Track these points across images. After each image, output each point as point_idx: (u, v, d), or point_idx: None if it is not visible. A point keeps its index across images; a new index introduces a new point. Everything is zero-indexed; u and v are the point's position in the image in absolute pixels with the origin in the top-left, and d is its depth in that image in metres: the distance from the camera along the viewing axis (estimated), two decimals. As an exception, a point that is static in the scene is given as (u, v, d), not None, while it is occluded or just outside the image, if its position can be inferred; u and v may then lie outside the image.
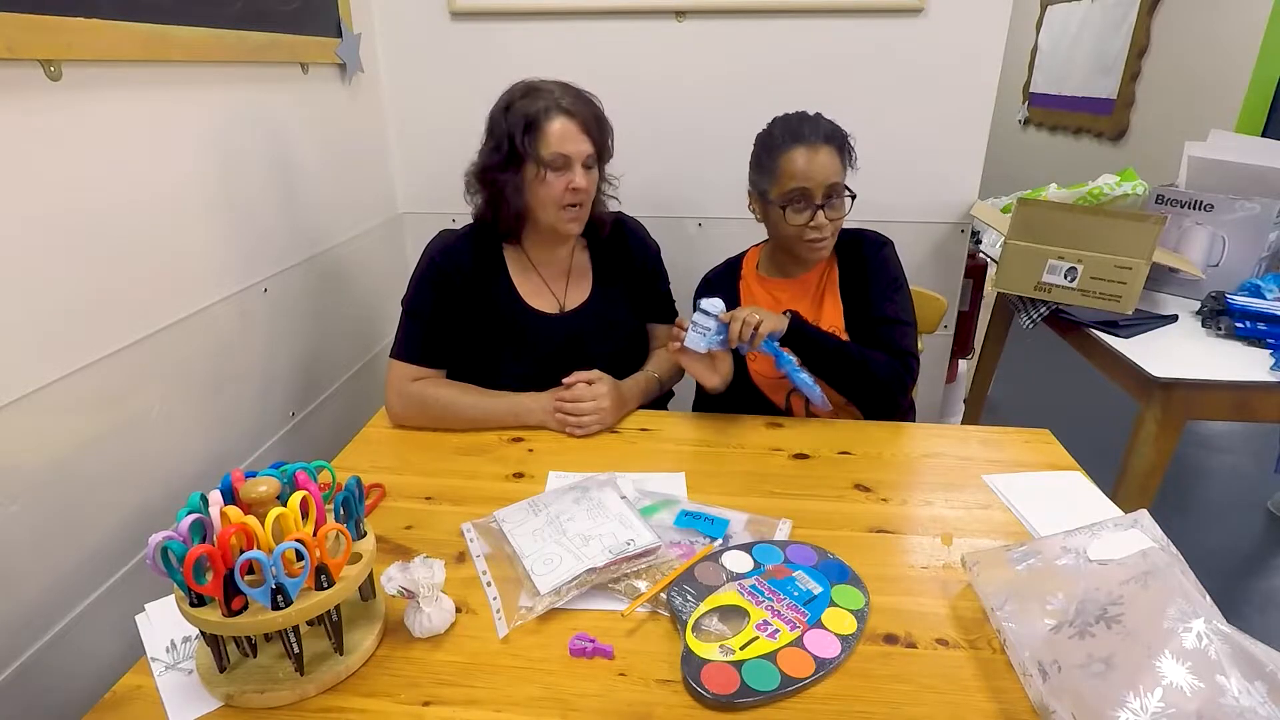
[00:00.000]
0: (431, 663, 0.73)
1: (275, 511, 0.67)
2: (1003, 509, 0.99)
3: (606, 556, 0.82)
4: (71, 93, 0.91)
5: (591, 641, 0.74)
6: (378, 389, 1.32)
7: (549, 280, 1.29)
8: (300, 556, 0.66)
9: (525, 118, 1.13)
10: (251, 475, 0.71)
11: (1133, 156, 3.45)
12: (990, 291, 2.02)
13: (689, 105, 1.73)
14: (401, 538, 0.93)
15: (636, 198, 1.36)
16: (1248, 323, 1.44)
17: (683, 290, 1.41)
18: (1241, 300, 1.49)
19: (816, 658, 0.72)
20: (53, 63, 0.88)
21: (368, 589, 0.77)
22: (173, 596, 0.68)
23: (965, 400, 2.39)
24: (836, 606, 0.78)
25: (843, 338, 1.24)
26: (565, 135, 1.14)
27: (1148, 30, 3.38)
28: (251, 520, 0.66)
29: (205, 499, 0.69)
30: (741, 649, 0.72)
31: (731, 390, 1.22)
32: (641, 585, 0.81)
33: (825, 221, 1.19)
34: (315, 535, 0.67)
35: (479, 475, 1.08)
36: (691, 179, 1.79)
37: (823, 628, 0.75)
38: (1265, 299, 1.50)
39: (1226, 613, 0.65)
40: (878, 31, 1.64)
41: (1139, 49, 3.43)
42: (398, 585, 0.74)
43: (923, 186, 1.75)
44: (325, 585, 0.67)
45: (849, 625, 0.76)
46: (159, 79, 1.06)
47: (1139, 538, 0.75)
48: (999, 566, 0.80)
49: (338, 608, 0.70)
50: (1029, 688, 0.68)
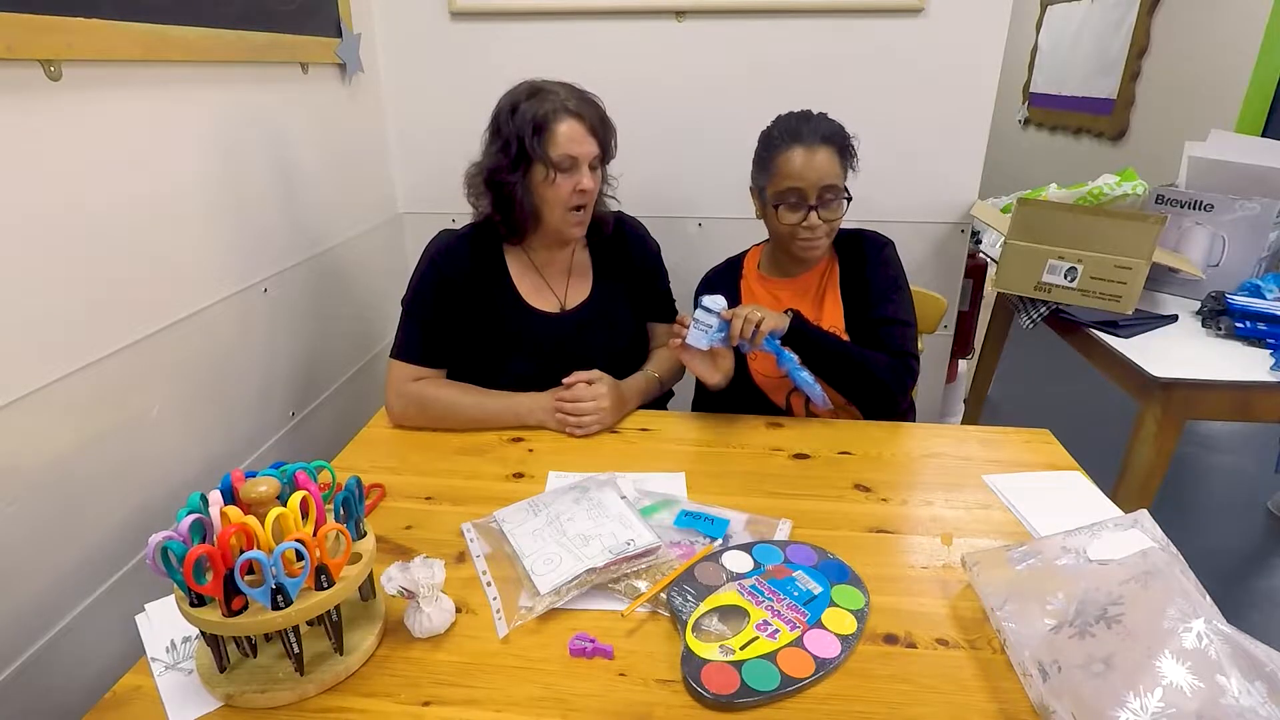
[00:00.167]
0: (431, 663, 0.73)
1: (275, 511, 0.67)
2: (1003, 509, 0.99)
3: (606, 556, 0.82)
4: (71, 93, 0.91)
5: (591, 641, 0.74)
6: (378, 389, 1.33)
7: (550, 279, 1.29)
8: (300, 556, 0.66)
9: (533, 119, 1.13)
10: (251, 475, 0.71)
11: (1133, 156, 3.45)
12: (990, 291, 2.02)
13: (689, 105, 1.73)
14: (401, 538, 0.93)
15: (636, 198, 1.36)
16: (1248, 323, 1.44)
17: (683, 290, 1.41)
18: (1241, 300, 1.49)
19: (816, 658, 0.72)
20: (53, 63, 0.88)
21: (368, 589, 0.77)
22: (173, 596, 0.68)
23: (965, 400, 2.39)
24: (836, 606, 0.78)
25: (843, 338, 1.24)
26: (573, 137, 1.14)
27: (1148, 30, 3.38)
28: (251, 520, 0.66)
29: (205, 499, 0.69)
30: (741, 649, 0.72)
31: (732, 390, 1.22)
32: (641, 585, 0.81)
33: (818, 222, 1.19)
34: (315, 535, 0.67)
35: (479, 475, 1.08)
36: (691, 179, 1.80)
37: (823, 628, 0.75)
38: (1265, 299, 1.50)
39: (1226, 613, 0.65)
40: (878, 31, 1.64)
41: (1139, 49, 3.43)
42: (398, 585, 0.74)
43: (923, 186, 1.75)
44: (325, 585, 0.67)
45: (849, 625, 0.76)
46: (159, 79, 1.06)
47: (1139, 538, 0.75)
48: (999, 566, 0.80)
49: (338, 608, 0.70)
50: (1029, 688, 0.68)
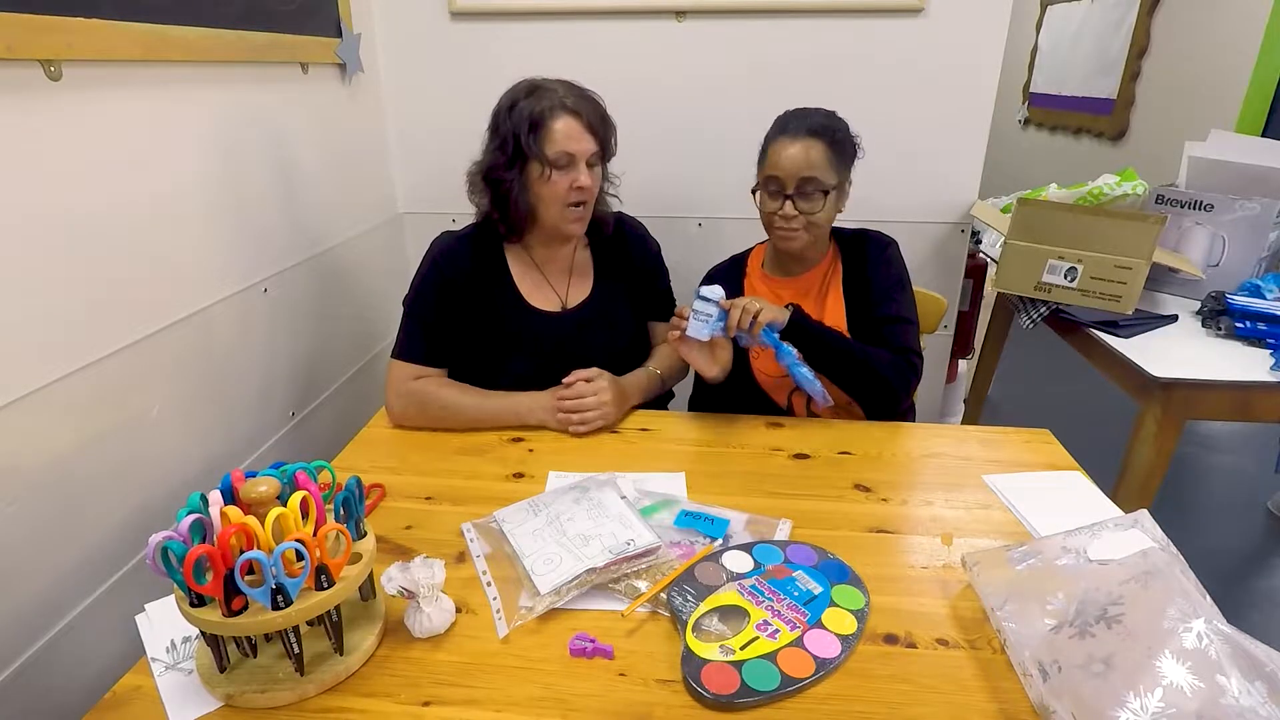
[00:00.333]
0: (431, 663, 0.73)
1: (275, 511, 0.67)
2: (1003, 509, 0.99)
3: (606, 556, 0.82)
4: (71, 93, 0.91)
5: (591, 641, 0.74)
6: (378, 389, 1.33)
7: (551, 278, 1.29)
8: (300, 556, 0.66)
9: (530, 117, 1.13)
10: (251, 475, 0.71)
11: (1133, 156, 3.45)
12: (990, 291, 2.02)
13: (689, 105, 1.73)
14: (401, 538, 0.93)
15: (636, 197, 1.36)
16: (1248, 323, 1.44)
17: (683, 289, 1.40)
18: (1241, 300, 1.49)
19: (816, 658, 0.72)
20: (53, 63, 0.88)
21: (368, 589, 0.77)
22: (173, 596, 0.68)
23: (965, 400, 2.39)
24: (836, 606, 0.78)
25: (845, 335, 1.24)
26: (570, 134, 1.14)
27: (1148, 30, 3.38)
28: (251, 520, 0.66)
29: (205, 499, 0.69)
30: (741, 649, 0.72)
31: (734, 388, 1.22)
32: (641, 585, 0.81)
33: (793, 212, 1.19)
34: (315, 535, 0.67)
35: (479, 475, 1.07)
36: (691, 179, 1.80)
37: (823, 628, 0.75)
38: (1265, 299, 1.50)
39: (1226, 613, 0.65)
40: (878, 31, 1.64)
41: (1139, 49, 3.43)
42: (398, 585, 0.74)
43: (923, 186, 1.75)
44: (325, 585, 0.67)
45: (849, 625, 0.76)
46: (159, 79, 1.06)
47: (1139, 538, 0.75)
48: (999, 566, 0.80)
49: (338, 608, 0.70)
50: (1029, 688, 0.68)
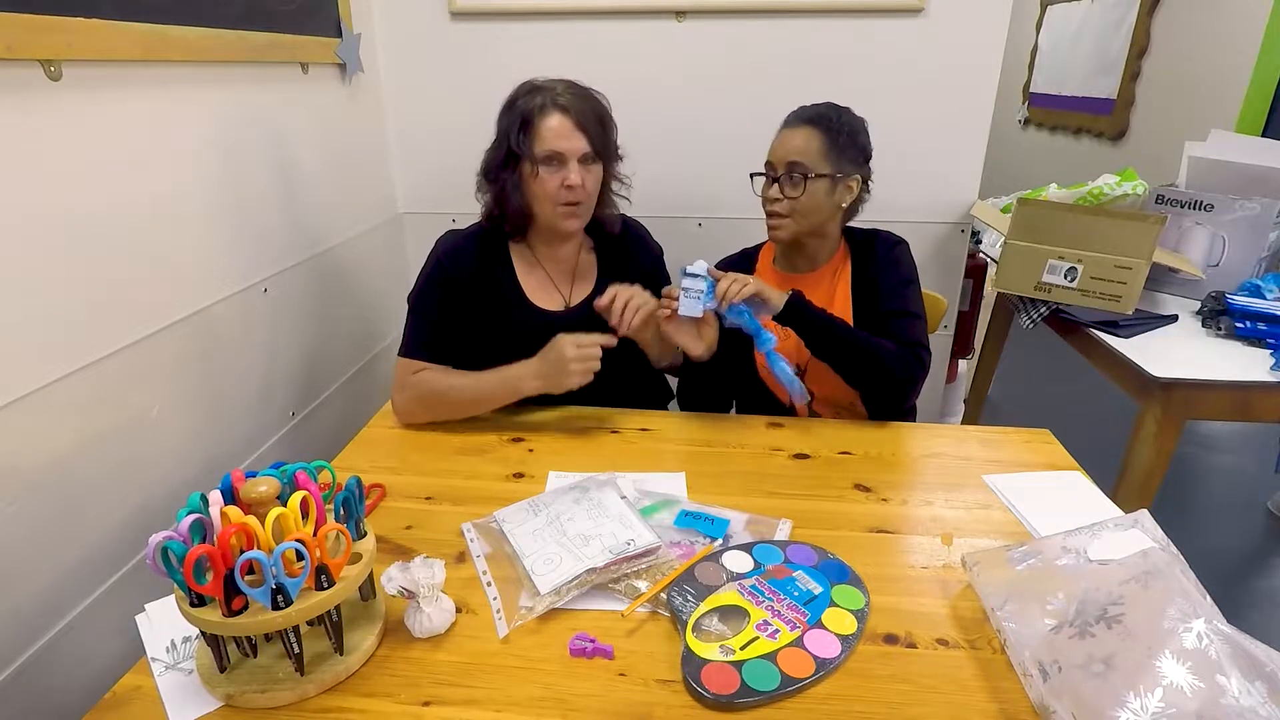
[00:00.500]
0: (431, 663, 0.73)
1: (275, 511, 0.67)
2: (1003, 509, 0.99)
3: (606, 556, 0.82)
4: (71, 93, 0.91)
5: (591, 641, 0.74)
6: (378, 389, 1.33)
7: (555, 277, 1.29)
8: (300, 556, 0.66)
9: (521, 114, 1.14)
10: (251, 475, 0.71)
11: (1133, 156, 3.45)
12: (990, 291, 2.02)
13: (689, 105, 1.73)
14: (401, 538, 0.93)
15: (637, 197, 1.36)
16: (1248, 323, 1.44)
17: (682, 290, 1.41)
18: (1241, 300, 1.50)
19: (817, 658, 0.72)
20: (53, 63, 0.88)
21: (368, 589, 0.77)
22: (173, 596, 0.68)
23: (965, 400, 2.39)
24: (836, 606, 0.78)
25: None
26: (559, 132, 1.14)
27: (1148, 30, 3.38)
28: (251, 520, 0.66)
29: (205, 499, 0.69)
30: (742, 649, 0.72)
31: (736, 386, 1.22)
32: (641, 585, 0.81)
33: (777, 195, 1.20)
34: (315, 535, 0.67)
35: (479, 475, 1.08)
36: (692, 179, 1.79)
37: (823, 628, 0.75)
38: (1265, 299, 1.50)
39: (1226, 613, 0.65)
40: (878, 31, 1.64)
41: (1139, 49, 3.43)
42: (398, 585, 0.74)
43: (923, 186, 1.75)
44: (325, 585, 0.67)
45: (849, 625, 0.76)
46: (159, 79, 1.06)
47: (1139, 538, 0.75)
48: (999, 566, 0.80)
49: (338, 608, 0.70)
50: (1029, 688, 0.68)
